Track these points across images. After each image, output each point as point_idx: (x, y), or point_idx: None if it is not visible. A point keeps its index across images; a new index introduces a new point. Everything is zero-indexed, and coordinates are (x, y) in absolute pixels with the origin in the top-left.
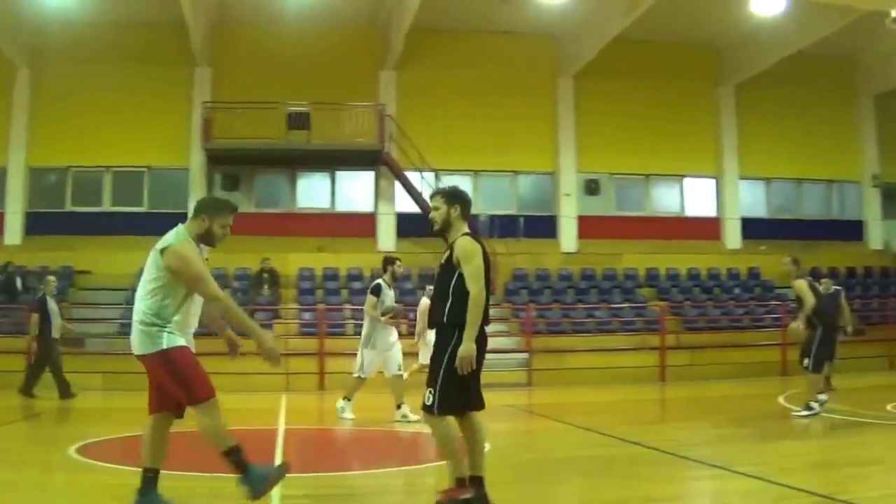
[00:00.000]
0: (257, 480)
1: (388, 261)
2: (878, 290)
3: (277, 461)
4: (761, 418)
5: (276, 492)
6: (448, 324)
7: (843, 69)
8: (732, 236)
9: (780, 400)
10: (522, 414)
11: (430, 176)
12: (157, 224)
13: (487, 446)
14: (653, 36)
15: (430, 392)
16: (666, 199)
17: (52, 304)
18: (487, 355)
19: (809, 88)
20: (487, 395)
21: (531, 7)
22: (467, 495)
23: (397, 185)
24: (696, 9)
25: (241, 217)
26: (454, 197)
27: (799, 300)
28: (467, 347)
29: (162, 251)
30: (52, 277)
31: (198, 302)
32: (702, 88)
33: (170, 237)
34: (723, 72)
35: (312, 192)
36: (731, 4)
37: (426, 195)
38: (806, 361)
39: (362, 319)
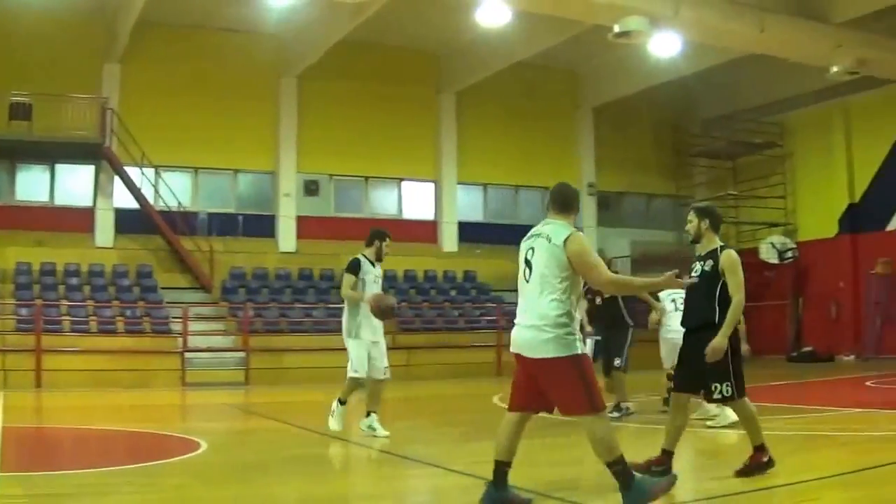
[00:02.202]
0: (638, 494)
1: (378, 234)
2: None
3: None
4: (476, 417)
5: None
6: (719, 324)
7: (564, 80)
8: (449, 240)
9: (495, 400)
10: (240, 413)
11: (150, 172)
12: None
13: None
14: (378, 40)
15: (728, 385)
16: (384, 201)
17: None
18: (202, 354)
19: (531, 98)
20: (204, 394)
21: (257, 6)
22: (766, 458)
23: (117, 180)
24: (421, 15)
25: None
26: (705, 212)
27: None
28: (722, 341)
29: (565, 241)
30: None
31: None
32: (424, 94)
33: (560, 229)
34: (445, 78)
35: (32, 184)
36: (456, 13)
37: (146, 191)
38: (618, 361)
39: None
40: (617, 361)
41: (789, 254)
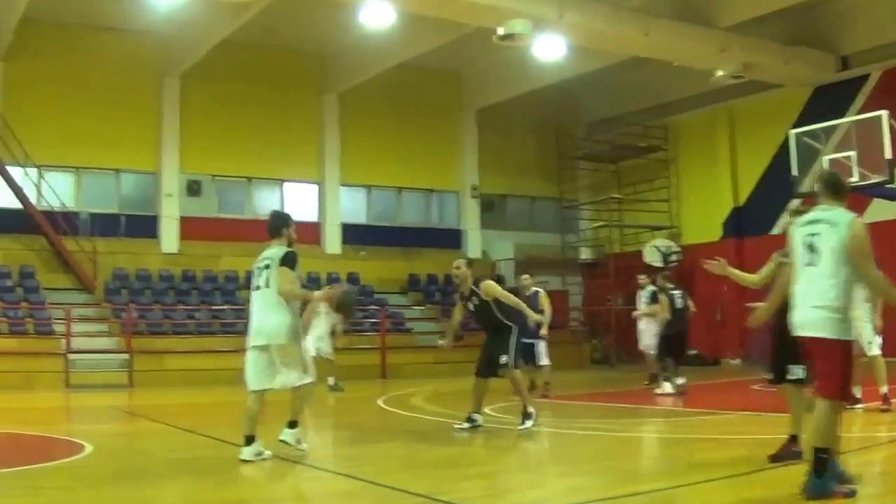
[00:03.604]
0: (822, 488)
1: (284, 220)
2: None
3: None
4: (363, 420)
5: None
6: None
7: (448, 82)
8: (332, 241)
9: (380, 402)
10: (124, 415)
11: (33, 171)
12: None
13: None
14: (261, 41)
15: (801, 368)
16: (267, 203)
17: None
18: (85, 356)
19: (415, 99)
20: (88, 397)
21: (140, 5)
22: (796, 448)
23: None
24: (305, 16)
25: None
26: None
27: None
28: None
29: (849, 225)
30: None
31: None
32: (307, 95)
33: (843, 214)
34: (328, 80)
35: None
36: (339, 14)
37: (29, 191)
38: (504, 359)
39: None
40: (503, 359)
41: (673, 257)
